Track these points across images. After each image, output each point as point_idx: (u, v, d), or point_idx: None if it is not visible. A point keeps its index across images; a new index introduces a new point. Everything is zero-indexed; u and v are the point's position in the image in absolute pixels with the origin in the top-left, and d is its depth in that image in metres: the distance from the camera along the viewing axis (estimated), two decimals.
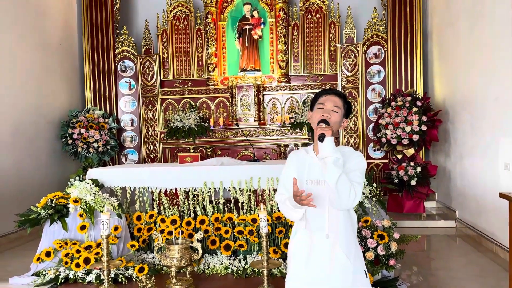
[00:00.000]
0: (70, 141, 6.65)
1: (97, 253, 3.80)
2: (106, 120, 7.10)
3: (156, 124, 7.59)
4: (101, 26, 7.46)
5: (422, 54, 6.95)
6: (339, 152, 1.82)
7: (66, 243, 3.91)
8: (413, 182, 5.86)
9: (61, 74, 7.00)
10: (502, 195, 2.56)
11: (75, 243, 3.91)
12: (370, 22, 7.20)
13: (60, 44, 6.99)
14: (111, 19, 7.49)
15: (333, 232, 1.92)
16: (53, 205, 4.03)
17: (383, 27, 7.12)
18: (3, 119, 5.54)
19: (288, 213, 1.99)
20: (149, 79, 7.59)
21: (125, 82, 7.60)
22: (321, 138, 1.79)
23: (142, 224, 4.29)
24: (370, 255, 3.31)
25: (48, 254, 3.89)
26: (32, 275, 3.89)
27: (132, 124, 7.62)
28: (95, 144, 6.77)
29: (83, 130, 6.67)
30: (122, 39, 7.59)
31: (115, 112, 7.48)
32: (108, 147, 7.01)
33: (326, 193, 1.87)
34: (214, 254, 4.13)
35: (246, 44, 7.42)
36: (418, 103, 6.09)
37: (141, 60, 7.58)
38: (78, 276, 3.77)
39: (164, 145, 7.34)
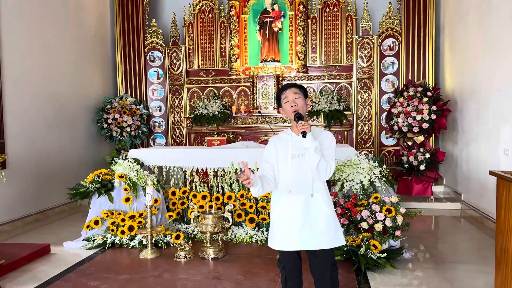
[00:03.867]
0: (105, 126, 7.23)
1: (139, 222, 4.37)
2: (138, 106, 7.66)
3: (182, 111, 8.11)
4: (132, 18, 7.98)
5: (434, 47, 7.29)
6: (316, 141, 2.36)
7: (112, 213, 4.48)
8: (422, 167, 6.28)
9: (95, 63, 7.56)
10: (491, 173, 2.99)
11: (120, 213, 4.48)
12: (385, 15, 7.55)
13: (94, 36, 7.54)
14: (141, 12, 7.99)
15: (316, 191, 2.44)
16: (99, 180, 4.59)
17: (398, 20, 7.46)
18: (47, 105, 6.12)
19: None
20: (175, 68, 8.10)
21: (154, 71, 8.12)
22: (304, 134, 2.34)
23: (176, 199, 4.84)
24: (379, 226, 3.77)
25: (96, 222, 4.47)
26: (83, 240, 4.47)
27: (160, 110, 8.17)
28: (128, 129, 7.34)
29: (117, 116, 7.23)
30: (151, 31, 8.09)
31: (144, 99, 8.03)
32: (140, 131, 7.57)
33: (307, 162, 2.40)
34: (240, 226, 4.67)
35: (267, 36, 7.83)
36: (429, 93, 6.47)
37: (168, 51, 8.08)
38: (123, 241, 4.34)
39: (190, 130, 7.88)
